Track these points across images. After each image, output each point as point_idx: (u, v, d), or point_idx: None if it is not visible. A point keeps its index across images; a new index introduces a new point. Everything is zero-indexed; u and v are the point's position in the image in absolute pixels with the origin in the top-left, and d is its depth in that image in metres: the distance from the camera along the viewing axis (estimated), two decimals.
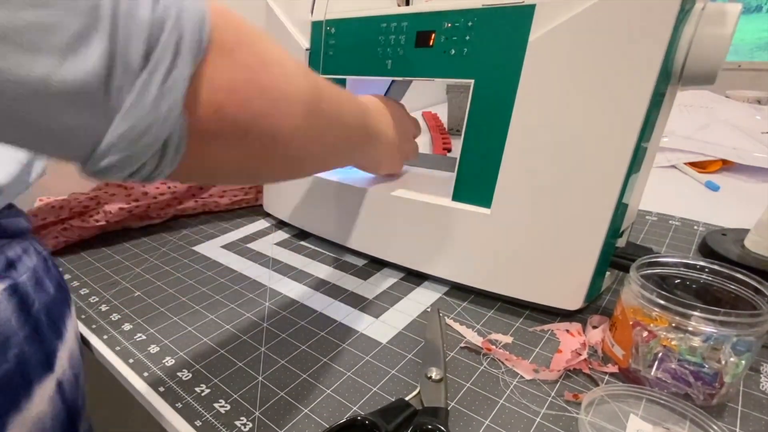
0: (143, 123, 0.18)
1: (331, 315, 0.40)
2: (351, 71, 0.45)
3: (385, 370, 0.33)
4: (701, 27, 0.29)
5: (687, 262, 0.33)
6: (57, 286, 0.33)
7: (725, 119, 0.83)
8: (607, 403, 0.29)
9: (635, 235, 0.53)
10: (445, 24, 0.38)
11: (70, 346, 0.33)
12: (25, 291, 0.29)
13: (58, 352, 0.31)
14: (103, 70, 0.16)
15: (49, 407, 0.30)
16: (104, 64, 0.16)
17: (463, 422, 0.29)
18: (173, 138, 0.19)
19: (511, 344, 0.36)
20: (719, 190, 0.67)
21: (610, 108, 0.31)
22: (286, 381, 0.32)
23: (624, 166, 0.32)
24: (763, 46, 1.44)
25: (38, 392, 0.29)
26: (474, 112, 0.37)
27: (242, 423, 0.29)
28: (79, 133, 0.17)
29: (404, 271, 0.47)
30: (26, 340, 0.28)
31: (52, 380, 0.30)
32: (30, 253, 0.31)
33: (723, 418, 0.29)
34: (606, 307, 0.40)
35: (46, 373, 0.30)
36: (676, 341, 0.28)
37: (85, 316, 0.40)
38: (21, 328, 0.28)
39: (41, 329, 0.30)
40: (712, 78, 0.30)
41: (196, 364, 0.34)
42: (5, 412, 0.27)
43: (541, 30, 0.32)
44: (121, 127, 0.17)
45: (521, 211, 0.36)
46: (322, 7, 0.46)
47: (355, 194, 0.47)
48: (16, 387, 0.28)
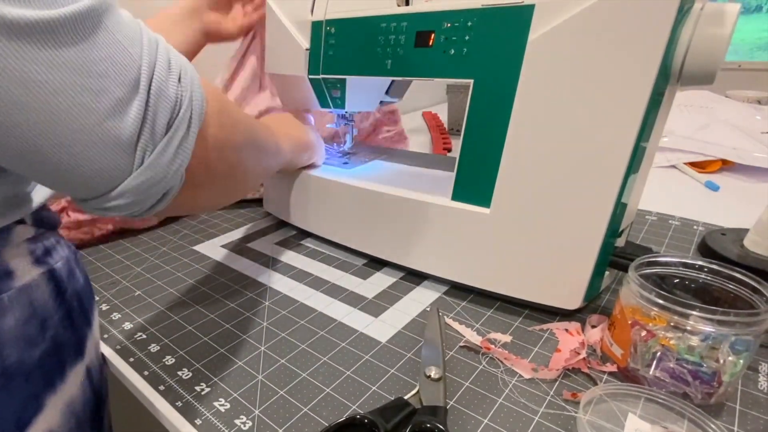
0: (157, 177, 0.22)
1: (330, 314, 0.40)
2: (351, 71, 0.45)
3: (384, 369, 0.33)
4: (700, 27, 0.29)
5: (686, 262, 0.33)
6: (85, 279, 0.34)
7: (725, 119, 0.83)
8: (606, 402, 0.29)
9: (635, 234, 0.53)
10: (444, 24, 0.38)
11: (96, 337, 0.35)
12: (60, 276, 0.30)
13: (87, 340, 0.33)
14: (135, 131, 0.20)
15: (79, 391, 0.32)
16: (137, 127, 0.20)
17: (462, 421, 0.29)
18: (173, 190, 0.24)
19: (510, 343, 0.36)
20: (719, 190, 0.67)
21: (609, 108, 0.31)
22: (286, 380, 0.32)
23: (623, 166, 0.32)
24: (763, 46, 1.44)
25: (71, 376, 0.31)
26: (473, 112, 0.38)
27: (242, 421, 0.29)
28: (103, 176, 0.21)
29: (404, 270, 0.47)
30: (61, 323, 0.30)
31: (83, 366, 0.32)
32: (62, 244, 0.32)
33: (721, 417, 0.29)
34: (605, 306, 0.40)
35: (78, 358, 0.32)
36: (674, 340, 0.28)
37: None
38: (56, 311, 0.30)
39: (74, 315, 0.31)
40: (711, 78, 0.31)
41: (197, 363, 0.34)
42: (42, 391, 0.28)
43: (541, 30, 0.33)
44: (140, 178, 0.21)
45: (520, 210, 0.36)
46: (322, 7, 0.46)
47: (355, 194, 0.47)
48: (51, 368, 0.29)
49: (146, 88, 0.20)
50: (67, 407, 0.30)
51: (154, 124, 0.21)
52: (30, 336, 0.27)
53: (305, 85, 0.50)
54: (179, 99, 0.22)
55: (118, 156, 0.20)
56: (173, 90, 0.22)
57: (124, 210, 0.23)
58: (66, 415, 0.30)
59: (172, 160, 0.22)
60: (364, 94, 0.52)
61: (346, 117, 0.56)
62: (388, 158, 0.58)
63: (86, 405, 0.32)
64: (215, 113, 0.26)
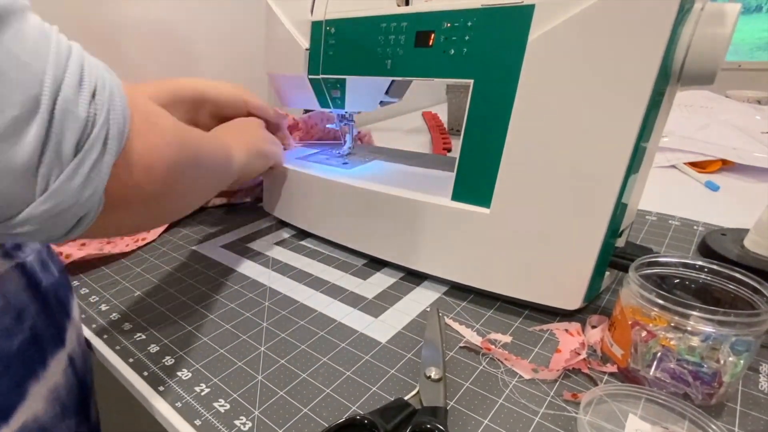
0: (65, 204, 0.20)
1: (330, 314, 0.40)
2: (351, 71, 0.45)
3: (384, 369, 0.33)
4: (700, 27, 0.29)
5: (686, 262, 0.33)
6: (60, 270, 0.34)
7: (725, 119, 0.83)
8: (606, 403, 0.29)
9: (635, 234, 0.53)
10: (444, 24, 0.38)
11: (77, 326, 0.35)
12: (32, 269, 0.30)
13: (67, 329, 0.33)
14: (35, 155, 0.18)
15: (63, 379, 0.32)
16: (36, 150, 0.18)
17: (462, 422, 0.29)
18: (89, 215, 0.22)
19: (511, 344, 0.36)
20: (719, 190, 0.67)
21: (610, 108, 0.31)
22: (286, 380, 0.32)
23: (623, 166, 0.32)
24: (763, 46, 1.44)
25: (52, 364, 0.31)
26: (474, 112, 0.38)
27: (242, 422, 0.29)
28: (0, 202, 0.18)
29: (404, 270, 0.47)
30: (38, 314, 0.30)
31: (64, 354, 0.32)
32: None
33: (722, 418, 0.29)
34: (605, 306, 0.40)
35: (59, 346, 0.32)
36: (675, 341, 0.28)
37: (86, 316, 0.40)
38: (32, 302, 0.30)
39: (51, 306, 0.31)
40: (712, 78, 0.30)
41: (196, 364, 0.34)
42: (24, 380, 0.28)
43: (541, 30, 0.32)
44: (44, 205, 0.19)
45: (520, 210, 0.36)
46: (322, 7, 0.46)
47: (355, 194, 0.47)
48: (32, 356, 0.29)
49: (49, 108, 0.18)
50: (51, 393, 0.30)
51: (60, 147, 0.19)
52: (6, 326, 0.27)
53: (305, 85, 0.50)
54: (91, 117, 0.20)
55: (14, 182, 0.18)
56: (83, 108, 0.19)
57: (34, 237, 0.21)
58: (50, 401, 0.30)
59: (84, 184, 0.20)
60: (364, 94, 0.52)
61: (346, 117, 0.56)
62: (388, 158, 0.58)
63: (71, 392, 0.33)
64: (142, 128, 0.24)
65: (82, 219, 0.22)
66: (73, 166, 0.19)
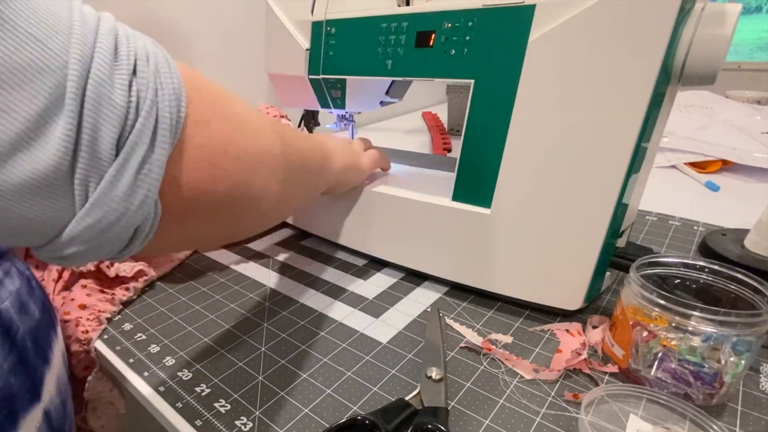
0: (113, 215, 0.16)
1: (331, 315, 0.40)
2: (351, 71, 0.45)
3: (385, 369, 0.33)
4: (701, 27, 0.29)
5: (687, 262, 0.33)
6: (42, 308, 0.31)
7: (725, 119, 0.83)
8: (607, 403, 0.29)
9: (635, 235, 0.53)
10: (445, 24, 0.38)
11: (58, 372, 0.31)
12: (8, 317, 0.27)
13: (45, 380, 0.29)
14: (65, 160, 0.14)
15: None
16: (67, 153, 0.14)
17: (463, 422, 0.29)
18: (145, 225, 0.17)
19: (511, 344, 0.36)
20: (719, 191, 0.67)
21: (610, 108, 0.31)
22: (287, 381, 0.32)
23: (624, 166, 0.32)
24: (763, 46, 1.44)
25: (24, 425, 0.27)
26: (474, 112, 0.37)
27: (242, 423, 0.29)
28: (36, 225, 0.15)
29: (404, 271, 0.47)
30: (11, 371, 0.26)
31: (39, 410, 0.28)
32: (12, 275, 0.29)
33: (723, 418, 0.29)
34: (606, 307, 0.40)
35: (33, 403, 0.28)
36: (676, 341, 0.28)
37: None
38: (5, 359, 0.26)
39: (27, 357, 0.28)
40: (713, 78, 0.30)
41: (197, 364, 0.34)
42: None
43: (541, 30, 0.32)
44: (87, 220, 0.15)
45: (521, 211, 0.36)
46: (322, 7, 0.46)
47: (355, 194, 0.47)
48: (1, 422, 0.25)
49: (77, 96, 0.14)
50: None
51: (96, 145, 0.15)
52: None
53: (305, 86, 0.50)
54: (133, 102, 0.16)
55: (46, 196, 0.14)
56: (122, 91, 0.15)
57: (85, 258, 0.17)
58: None
59: (131, 189, 0.16)
60: (365, 94, 0.52)
61: (346, 117, 0.56)
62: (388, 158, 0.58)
63: None
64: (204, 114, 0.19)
65: (137, 231, 0.17)
66: (115, 167, 0.15)
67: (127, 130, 0.15)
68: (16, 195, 0.14)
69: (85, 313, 0.38)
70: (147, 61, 0.16)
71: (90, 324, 0.38)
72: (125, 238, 0.17)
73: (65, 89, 0.14)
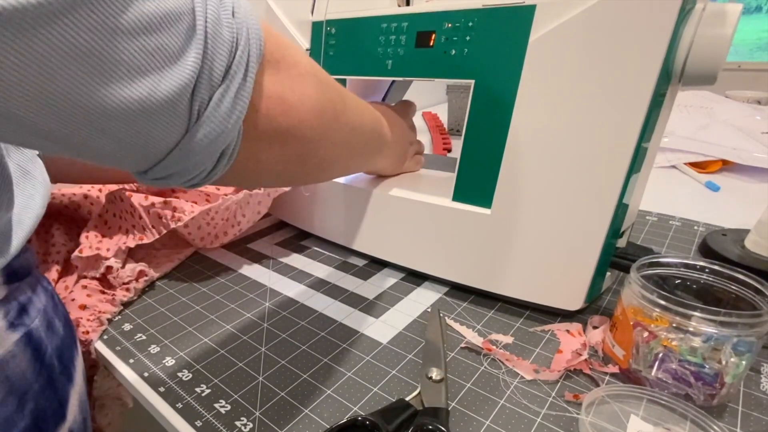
0: (214, 133, 0.19)
1: (331, 315, 0.40)
2: (351, 71, 0.45)
3: (385, 370, 0.33)
4: (702, 27, 0.29)
5: (687, 263, 0.33)
6: (65, 324, 0.31)
7: (725, 119, 0.83)
8: (608, 404, 0.29)
9: (636, 235, 0.53)
10: (445, 24, 0.38)
11: (79, 390, 0.32)
12: (38, 337, 0.27)
13: (70, 399, 0.30)
14: (192, 83, 0.17)
15: None
16: (194, 77, 0.17)
17: (464, 422, 0.29)
18: (229, 147, 0.20)
19: (512, 344, 0.36)
20: (719, 191, 0.67)
21: (611, 108, 0.31)
22: (287, 381, 0.32)
23: (624, 167, 0.32)
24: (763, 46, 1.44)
25: None
26: (474, 112, 0.37)
27: (242, 423, 0.29)
28: (158, 141, 0.17)
29: (404, 271, 0.47)
30: (41, 392, 0.27)
31: (65, 429, 0.29)
32: (38, 292, 0.29)
33: (723, 419, 0.29)
34: (606, 307, 0.40)
35: (60, 423, 0.29)
36: (676, 341, 0.28)
37: None
38: (36, 380, 0.27)
39: (54, 378, 0.29)
40: (713, 78, 0.30)
41: (197, 365, 0.34)
42: None
43: (542, 30, 0.32)
44: (197, 135, 0.18)
45: (522, 211, 0.36)
46: (322, 7, 0.46)
47: (356, 194, 0.47)
48: None
49: (203, 30, 0.17)
50: None
51: (212, 72, 0.18)
52: (7, 417, 0.24)
53: None
54: (234, 39, 0.18)
55: (174, 116, 0.17)
56: (229, 28, 0.18)
57: (183, 176, 0.20)
58: None
59: (230, 110, 0.19)
60: (365, 94, 0.51)
61: None
62: None
63: None
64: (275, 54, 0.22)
65: (224, 153, 0.20)
66: (221, 90, 0.18)
67: (231, 60, 0.18)
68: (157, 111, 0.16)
69: (85, 313, 0.38)
70: (239, 4, 0.19)
71: (90, 324, 0.38)
72: (214, 157, 0.20)
73: (195, 27, 0.17)
